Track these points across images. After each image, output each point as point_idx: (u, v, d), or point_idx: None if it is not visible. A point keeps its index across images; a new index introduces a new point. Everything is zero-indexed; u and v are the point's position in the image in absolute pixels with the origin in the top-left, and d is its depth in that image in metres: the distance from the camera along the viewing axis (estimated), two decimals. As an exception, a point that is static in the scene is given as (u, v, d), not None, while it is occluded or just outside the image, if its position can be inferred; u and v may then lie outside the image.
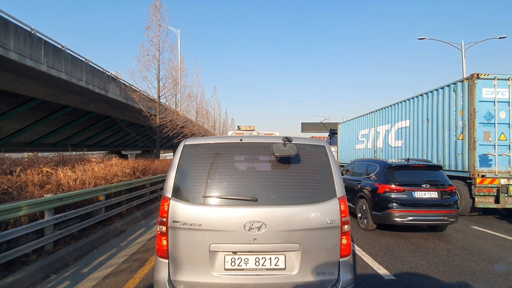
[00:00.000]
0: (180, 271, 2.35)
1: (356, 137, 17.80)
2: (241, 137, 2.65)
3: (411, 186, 6.29)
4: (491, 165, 8.24)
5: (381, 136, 14.14)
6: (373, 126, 15.10)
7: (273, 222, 2.34)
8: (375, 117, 14.97)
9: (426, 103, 10.46)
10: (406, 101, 11.84)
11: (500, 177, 8.10)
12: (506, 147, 8.26)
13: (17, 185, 5.36)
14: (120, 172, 8.69)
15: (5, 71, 11.96)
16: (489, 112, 8.29)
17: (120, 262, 4.79)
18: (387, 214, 6.24)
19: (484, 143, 8.26)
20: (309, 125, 52.06)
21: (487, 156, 8.24)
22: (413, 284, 3.95)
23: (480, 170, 8.18)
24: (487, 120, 8.30)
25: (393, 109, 12.97)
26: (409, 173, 6.59)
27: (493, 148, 8.24)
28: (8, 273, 3.84)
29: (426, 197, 6.24)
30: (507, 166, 8.22)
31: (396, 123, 12.64)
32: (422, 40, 21.56)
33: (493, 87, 8.29)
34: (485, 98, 8.28)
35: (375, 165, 7.21)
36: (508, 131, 8.30)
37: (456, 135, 8.95)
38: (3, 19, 10.52)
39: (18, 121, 17.46)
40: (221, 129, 58.51)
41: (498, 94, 8.26)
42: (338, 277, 2.39)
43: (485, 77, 8.28)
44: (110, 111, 21.77)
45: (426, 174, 6.55)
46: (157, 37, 18.74)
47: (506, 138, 8.28)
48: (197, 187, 2.47)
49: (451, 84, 9.18)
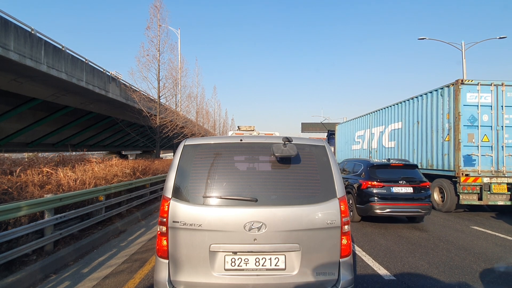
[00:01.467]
0: (180, 271, 2.35)
1: (352, 138, 18.30)
2: (241, 137, 2.65)
3: (390, 182, 7.11)
4: (475, 164, 8.81)
5: (376, 137, 14.61)
6: (369, 127, 15.58)
7: (273, 222, 2.34)
8: (370, 118, 15.44)
9: (417, 106, 11.00)
10: (399, 104, 12.33)
11: (483, 176, 8.70)
12: (489, 148, 8.84)
13: (17, 185, 5.37)
14: (120, 172, 8.69)
15: (5, 71, 11.97)
16: (472, 115, 8.90)
17: (120, 263, 4.78)
18: (369, 207, 7.09)
19: (468, 144, 8.84)
20: (309, 125, 52.04)
21: (471, 156, 8.84)
22: (413, 284, 3.95)
23: (464, 170, 8.76)
24: (471, 123, 8.88)
25: (387, 111, 13.42)
26: (389, 171, 7.42)
27: (477, 149, 8.82)
28: (8, 273, 3.84)
29: (402, 192, 7.08)
30: (490, 166, 8.81)
31: (390, 124, 13.11)
32: (422, 40, 21.57)
33: (476, 92, 8.90)
34: (469, 102, 8.87)
35: (360, 164, 8.05)
36: (490, 133, 8.86)
37: (443, 137, 9.51)
38: (3, 19, 10.53)
39: (18, 121, 17.47)
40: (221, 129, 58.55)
41: (481, 98, 8.88)
42: (338, 277, 2.39)
43: (469, 82, 8.92)
44: (110, 111, 21.78)
45: (403, 172, 7.39)
46: (157, 37, 18.79)
47: (489, 139, 8.85)
48: (197, 187, 2.47)
49: (439, 88, 9.72)
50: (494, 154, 8.85)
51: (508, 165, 8.81)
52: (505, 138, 8.86)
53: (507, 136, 8.87)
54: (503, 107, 8.85)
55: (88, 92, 16.51)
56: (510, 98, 8.88)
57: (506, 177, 8.72)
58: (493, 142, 8.85)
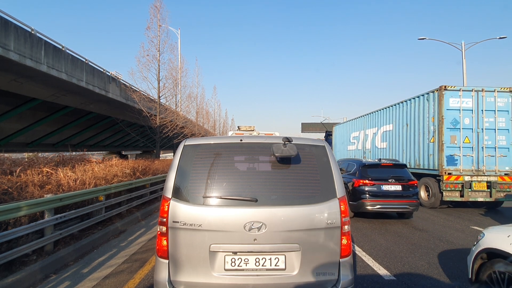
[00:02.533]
0: (180, 272, 2.35)
1: (348, 139, 19.03)
2: (241, 137, 2.65)
3: (380, 181, 7.64)
4: (457, 164, 9.50)
5: (370, 138, 15.30)
6: (363, 129, 16.28)
7: (273, 223, 2.34)
8: (364, 120, 16.13)
9: (406, 110, 11.67)
10: (390, 107, 13.00)
11: (464, 175, 9.39)
12: (470, 149, 9.51)
13: (17, 185, 5.36)
14: (120, 172, 8.69)
15: (6, 71, 11.97)
16: (455, 118, 9.57)
17: (120, 263, 4.78)
18: (360, 203, 7.53)
19: (451, 145, 9.52)
20: (309, 125, 52.02)
21: (453, 156, 9.53)
22: (413, 284, 3.95)
23: (447, 169, 9.46)
24: (454, 126, 9.57)
25: (380, 114, 14.05)
26: (379, 170, 7.94)
27: (459, 150, 9.51)
28: (8, 273, 3.84)
29: (391, 189, 7.61)
30: (470, 165, 9.49)
31: (382, 126, 13.78)
32: (423, 40, 21.56)
33: (459, 97, 9.56)
34: (452, 106, 9.55)
35: (354, 164, 8.54)
36: (471, 135, 9.54)
37: (429, 138, 10.20)
38: (3, 20, 10.53)
39: (18, 122, 17.47)
40: (221, 129, 58.56)
41: (463, 103, 9.56)
42: (338, 278, 2.39)
43: (451, 88, 9.54)
44: (110, 112, 21.77)
45: (393, 171, 7.93)
46: (157, 38, 18.78)
47: (470, 141, 9.53)
48: (197, 187, 2.47)
49: (425, 94, 10.42)
50: (475, 155, 9.49)
51: (487, 165, 9.42)
52: (485, 140, 9.48)
53: (487, 138, 9.48)
54: (483, 111, 9.47)
55: (88, 92, 16.51)
56: (489, 103, 9.50)
57: (486, 175, 9.35)
58: (474, 144, 9.51)
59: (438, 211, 9.47)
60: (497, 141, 9.49)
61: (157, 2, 18.89)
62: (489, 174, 9.37)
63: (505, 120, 9.51)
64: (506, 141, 9.52)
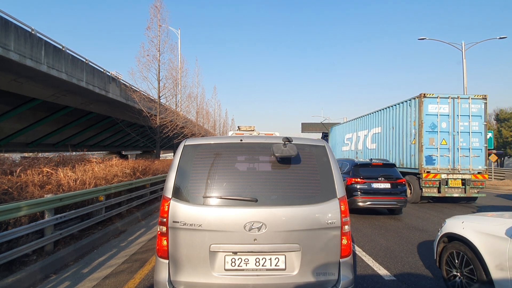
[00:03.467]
0: (180, 272, 2.35)
1: (342, 140, 20.13)
2: (241, 137, 2.64)
3: (371, 179, 8.20)
4: (435, 163, 10.50)
5: (361, 139, 16.36)
6: (355, 131, 17.34)
7: (273, 223, 2.34)
8: (357, 123, 17.19)
9: (392, 114, 12.65)
10: (379, 111, 13.99)
11: (441, 173, 10.42)
12: (446, 150, 10.53)
13: (18, 185, 5.36)
14: (120, 172, 8.69)
15: (6, 71, 11.97)
16: (433, 123, 10.53)
17: (120, 263, 4.78)
18: (352, 200, 7.99)
19: (430, 146, 10.49)
20: (309, 125, 52.01)
21: (432, 156, 10.51)
22: (413, 284, 3.95)
23: (426, 167, 10.47)
24: (432, 129, 10.54)
25: (370, 117, 15.06)
26: (370, 169, 8.52)
27: (436, 151, 10.49)
28: (8, 273, 3.84)
29: (381, 187, 8.18)
30: (447, 164, 10.53)
31: (372, 129, 14.81)
32: (423, 40, 21.57)
33: (436, 104, 10.53)
34: (431, 112, 10.52)
35: (347, 163, 9.08)
36: (448, 137, 10.54)
37: (411, 140, 11.18)
38: (4, 20, 10.53)
39: (18, 122, 17.47)
40: (221, 129, 58.55)
41: (440, 109, 10.54)
42: (338, 278, 2.39)
43: (430, 96, 10.52)
44: (110, 112, 21.78)
45: (383, 170, 8.54)
46: (157, 38, 18.77)
47: (446, 143, 10.52)
48: (197, 187, 2.47)
49: (408, 100, 11.42)
50: (451, 155, 10.52)
51: (462, 164, 10.49)
52: (460, 142, 10.51)
53: (461, 140, 10.51)
54: (459, 116, 10.49)
55: (88, 92, 16.51)
56: (464, 109, 10.52)
57: (461, 173, 10.43)
58: (450, 145, 10.52)
59: (437, 211, 9.49)
60: (471, 143, 10.52)
61: (157, 2, 18.91)
62: (463, 172, 10.41)
63: (478, 124, 10.53)
64: (479, 143, 10.54)
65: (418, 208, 10.12)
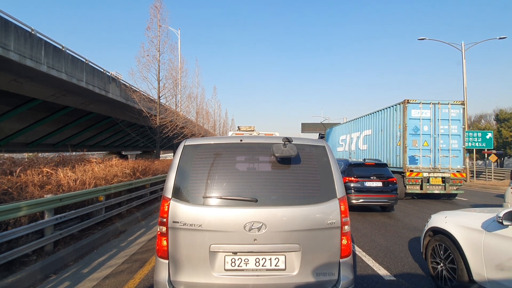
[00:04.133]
0: (180, 272, 2.35)
1: (337, 141, 21.13)
2: (241, 137, 2.65)
3: (364, 178, 8.67)
4: (417, 163, 11.53)
5: (354, 141, 17.36)
6: (349, 133, 18.38)
7: (273, 223, 2.34)
8: (350, 125, 18.31)
9: (381, 118, 13.65)
10: (370, 114, 14.97)
11: (423, 171, 11.44)
12: (428, 150, 11.54)
13: (17, 186, 5.36)
14: (120, 172, 8.68)
15: (6, 71, 11.97)
16: (416, 126, 11.54)
17: (120, 263, 4.78)
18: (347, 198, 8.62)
19: (413, 148, 11.52)
20: (309, 126, 52.03)
21: (414, 157, 11.55)
22: (413, 285, 3.95)
23: (409, 167, 11.49)
24: (415, 132, 11.57)
25: (362, 120, 16.09)
26: (364, 169, 8.97)
27: (419, 151, 11.54)
28: (8, 274, 3.84)
29: (373, 185, 8.66)
30: (428, 164, 11.53)
31: (363, 131, 15.79)
32: (422, 40, 21.58)
33: (419, 109, 11.52)
34: (414, 116, 11.54)
35: (341, 163, 9.48)
36: (429, 139, 11.53)
37: (396, 142, 12.22)
38: (4, 20, 10.53)
39: (18, 122, 17.47)
40: (221, 129, 58.53)
41: (422, 114, 11.54)
42: (338, 278, 2.39)
43: (413, 102, 11.55)
44: (110, 112, 21.78)
45: (375, 169, 9.03)
46: (157, 38, 18.76)
47: (428, 144, 11.51)
48: (197, 187, 2.47)
49: (394, 105, 12.43)
50: (432, 155, 11.51)
51: (442, 164, 11.49)
52: (440, 143, 11.48)
53: (442, 142, 11.48)
54: (439, 120, 11.48)
55: (88, 92, 16.51)
56: (444, 114, 11.51)
57: (441, 172, 11.43)
58: (431, 146, 11.51)
59: (437, 211, 9.47)
60: (451, 145, 11.52)
61: (157, 2, 18.90)
62: (443, 171, 11.44)
63: (457, 127, 11.55)
64: (458, 145, 11.53)
65: (414, 206, 10.17)
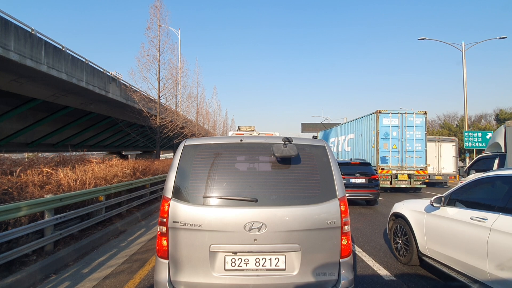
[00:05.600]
0: (180, 272, 2.35)
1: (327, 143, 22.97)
2: (241, 137, 2.65)
3: (350, 175, 9.87)
4: (388, 162, 13.93)
5: (341, 143, 19.77)
6: (337, 136, 20.93)
7: (273, 223, 2.34)
8: (338, 130, 21.08)
9: (360, 124, 16.04)
10: (353, 121, 17.39)
11: (392, 169, 13.84)
12: (396, 152, 13.95)
13: (17, 186, 5.36)
14: (120, 172, 8.68)
15: (6, 71, 11.97)
16: (386, 132, 13.96)
17: (120, 263, 4.78)
18: None
19: (384, 150, 13.91)
20: (309, 126, 52.05)
21: (385, 157, 13.95)
22: (413, 284, 3.95)
23: (381, 165, 13.85)
24: (385, 137, 13.93)
25: (347, 125, 18.74)
26: (350, 167, 10.17)
27: (389, 153, 13.92)
28: (8, 274, 3.84)
29: (358, 182, 9.82)
30: (397, 163, 13.94)
31: (348, 135, 18.23)
32: (422, 40, 21.58)
33: (389, 118, 13.93)
34: (385, 124, 13.94)
35: None
36: (397, 143, 13.94)
37: (371, 145, 14.48)
38: (4, 20, 10.53)
39: (18, 122, 17.47)
40: (221, 129, 58.51)
41: (392, 122, 13.95)
42: (338, 278, 2.39)
43: (384, 112, 13.93)
44: (110, 112, 21.78)
45: (360, 167, 10.27)
46: (157, 38, 18.76)
47: (396, 147, 13.89)
48: (197, 187, 2.46)
49: (369, 114, 14.86)
50: (399, 156, 13.92)
51: (408, 163, 13.88)
52: (407, 146, 13.91)
53: (408, 145, 13.91)
54: (405, 127, 13.89)
55: (88, 93, 16.51)
56: (410, 121, 13.87)
57: (407, 170, 13.84)
58: (399, 149, 13.90)
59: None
60: (415, 147, 13.84)
61: (157, 2, 18.90)
62: (409, 169, 13.79)
63: (421, 133, 13.85)
64: (421, 147, 13.87)
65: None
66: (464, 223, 3.46)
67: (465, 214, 3.49)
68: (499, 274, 2.94)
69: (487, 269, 3.07)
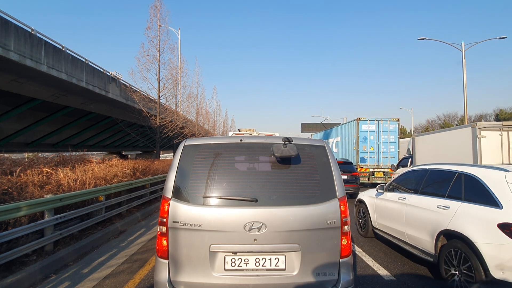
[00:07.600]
0: (180, 272, 2.35)
1: None
2: (241, 137, 2.65)
3: None
4: (366, 162, 15.88)
5: (330, 145, 21.44)
6: (327, 138, 23.09)
7: (273, 223, 2.34)
8: (328, 133, 23.34)
9: (345, 129, 18.22)
10: (340, 126, 20.16)
11: (370, 168, 15.82)
12: (373, 153, 15.91)
13: (17, 186, 5.36)
14: (120, 172, 8.68)
15: (6, 71, 11.97)
16: (365, 136, 15.97)
17: (120, 263, 4.78)
18: None
19: (363, 151, 15.89)
20: (309, 126, 52.00)
21: (364, 157, 15.89)
22: (413, 284, 3.95)
23: (360, 164, 15.76)
24: (364, 140, 15.93)
25: (335, 129, 20.95)
26: None
27: (367, 154, 15.89)
28: (8, 274, 3.84)
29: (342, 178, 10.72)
30: (374, 162, 15.89)
31: (336, 138, 20.40)
32: (422, 40, 21.58)
33: (367, 124, 15.99)
34: (364, 129, 15.97)
35: None
36: (375, 145, 15.92)
37: (353, 147, 16.40)
38: (4, 20, 10.53)
39: (18, 122, 17.47)
40: (221, 129, 58.47)
41: (369, 127, 15.99)
42: (338, 278, 2.39)
43: (363, 119, 15.97)
44: (110, 112, 21.78)
45: (343, 166, 11.64)
46: (157, 38, 18.75)
47: (374, 149, 15.89)
48: (197, 187, 2.46)
49: (352, 121, 16.89)
50: (376, 157, 15.89)
51: (383, 162, 15.86)
52: (382, 148, 15.91)
53: (383, 147, 15.91)
54: (381, 132, 15.95)
55: (88, 92, 16.51)
56: (385, 127, 15.93)
57: (382, 168, 15.77)
58: (376, 150, 15.90)
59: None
60: (389, 149, 15.94)
61: (157, 2, 18.89)
62: (384, 167, 15.74)
63: (394, 137, 16.03)
64: (394, 149, 15.97)
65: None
66: (394, 202, 5.08)
67: (395, 196, 5.13)
68: (410, 232, 4.51)
69: (405, 230, 4.62)
